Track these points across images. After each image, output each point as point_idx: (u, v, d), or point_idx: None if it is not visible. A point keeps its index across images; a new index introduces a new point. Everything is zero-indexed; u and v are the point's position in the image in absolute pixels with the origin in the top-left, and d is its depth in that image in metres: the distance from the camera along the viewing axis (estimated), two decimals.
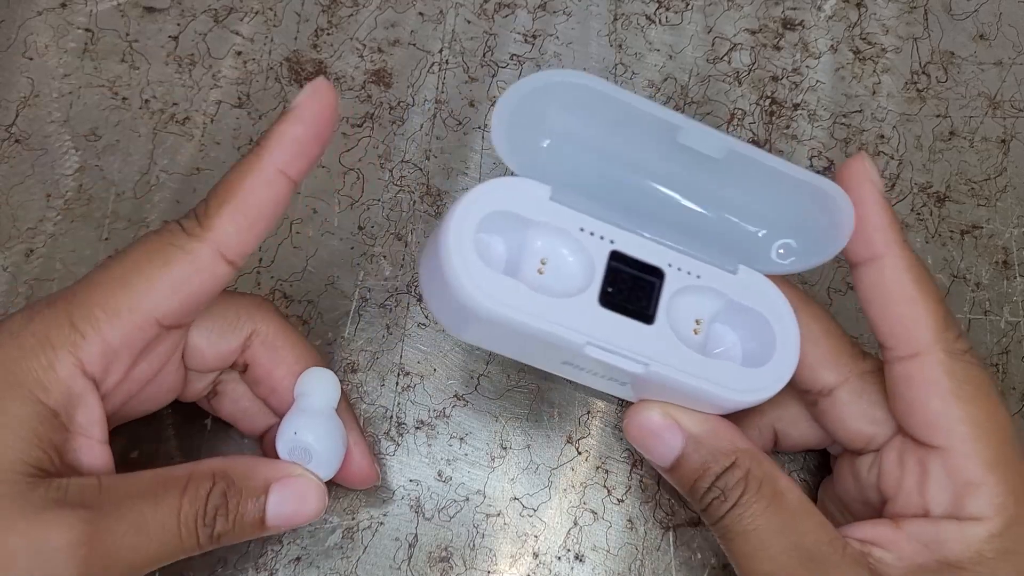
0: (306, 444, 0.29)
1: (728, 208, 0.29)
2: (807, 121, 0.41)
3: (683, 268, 0.28)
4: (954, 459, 0.27)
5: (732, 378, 0.28)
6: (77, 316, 0.26)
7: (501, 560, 0.34)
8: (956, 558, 0.27)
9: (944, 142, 0.41)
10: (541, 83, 0.27)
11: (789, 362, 0.28)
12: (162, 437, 0.34)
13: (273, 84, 0.41)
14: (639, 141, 0.28)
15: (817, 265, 0.29)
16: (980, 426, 0.27)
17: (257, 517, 0.28)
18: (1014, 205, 0.40)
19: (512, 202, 0.27)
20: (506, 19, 0.42)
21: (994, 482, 0.27)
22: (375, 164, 0.39)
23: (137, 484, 0.26)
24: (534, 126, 0.28)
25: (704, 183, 0.29)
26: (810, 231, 0.29)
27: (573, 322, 0.27)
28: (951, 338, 0.28)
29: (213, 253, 0.27)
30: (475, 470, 0.35)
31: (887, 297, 0.28)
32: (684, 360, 0.27)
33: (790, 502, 0.27)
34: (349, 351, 0.37)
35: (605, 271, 0.27)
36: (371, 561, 0.34)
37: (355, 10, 0.42)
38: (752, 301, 0.29)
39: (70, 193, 0.38)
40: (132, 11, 0.42)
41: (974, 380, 0.28)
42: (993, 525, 0.27)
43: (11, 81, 0.40)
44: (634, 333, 0.27)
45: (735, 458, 0.28)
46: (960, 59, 0.42)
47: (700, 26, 0.42)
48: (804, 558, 0.27)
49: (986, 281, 0.39)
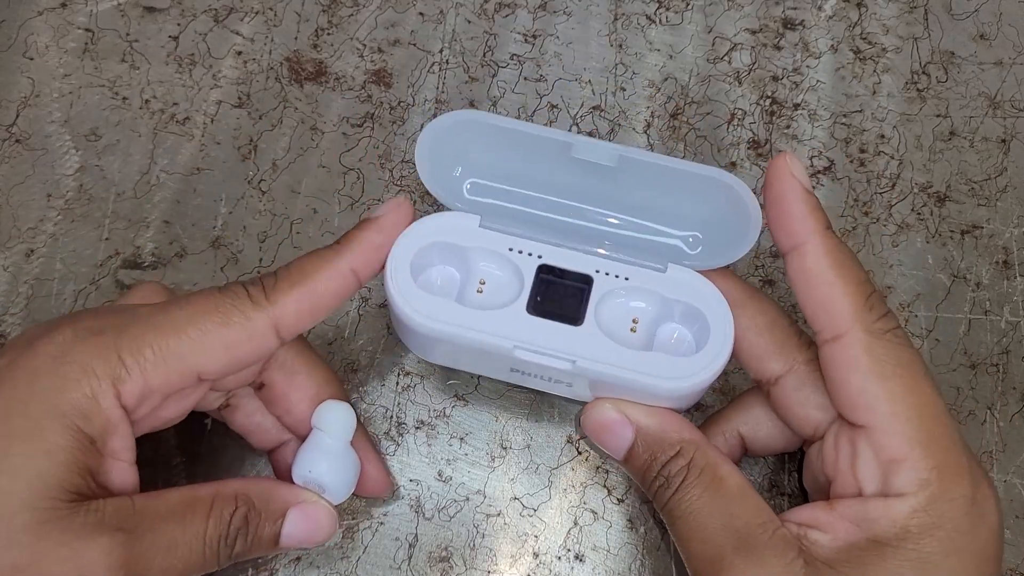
0: (320, 481, 0.30)
1: (640, 212, 0.32)
2: (807, 121, 0.41)
3: (611, 273, 0.31)
4: (877, 437, 0.28)
5: (665, 368, 0.30)
6: (126, 351, 0.27)
7: (501, 560, 0.34)
8: (883, 535, 0.27)
9: (944, 142, 0.41)
10: (449, 122, 0.30)
11: (723, 349, 0.30)
12: (161, 437, 0.34)
13: (273, 84, 0.41)
14: (544, 164, 0.31)
15: (741, 255, 0.31)
16: (902, 403, 0.28)
17: (272, 538, 0.29)
18: (1014, 205, 0.40)
19: (446, 233, 0.31)
20: (506, 19, 0.42)
21: (916, 458, 0.27)
22: (375, 164, 0.39)
23: (166, 505, 0.27)
24: (452, 162, 0.31)
25: (614, 192, 0.32)
26: (720, 223, 0.31)
27: (503, 330, 0.30)
28: (872, 318, 0.28)
29: (269, 326, 0.28)
30: (475, 470, 0.35)
31: (809, 282, 0.29)
32: (612, 355, 0.30)
33: (728, 487, 0.29)
34: (349, 351, 0.37)
35: (533, 283, 0.31)
36: (371, 561, 0.34)
37: (355, 10, 0.42)
38: (683, 296, 0.31)
39: (70, 193, 0.38)
40: (132, 11, 0.42)
41: (896, 358, 0.28)
42: (916, 501, 0.27)
43: (12, 81, 0.40)
44: (562, 335, 0.30)
45: (680, 447, 0.30)
46: (960, 59, 0.42)
47: (700, 26, 0.42)
48: (735, 538, 0.28)
49: (986, 281, 0.39)
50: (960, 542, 0.27)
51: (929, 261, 0.39)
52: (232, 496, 0.28)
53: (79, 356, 0.27)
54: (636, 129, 0.40)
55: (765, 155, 0.40)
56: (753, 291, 0.31)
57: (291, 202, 0.39)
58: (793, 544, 0.27)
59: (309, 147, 0.40)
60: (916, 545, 0.27)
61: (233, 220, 0.38)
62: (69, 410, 0.26)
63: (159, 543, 0.26)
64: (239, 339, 0.28)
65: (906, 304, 0.38)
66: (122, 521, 0.26)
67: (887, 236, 0.39)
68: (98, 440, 0.27)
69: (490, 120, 0.31)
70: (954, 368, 0.37)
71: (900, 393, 0.28)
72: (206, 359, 0.28)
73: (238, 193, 0.39)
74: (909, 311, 0.38)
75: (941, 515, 0.27)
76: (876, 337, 0.28)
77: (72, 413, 0.26)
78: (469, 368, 0.35)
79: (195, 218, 0.38)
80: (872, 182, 0.40)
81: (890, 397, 0.28)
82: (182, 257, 0.38)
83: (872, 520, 0.27)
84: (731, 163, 0.40)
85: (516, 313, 0.30)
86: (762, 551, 0.27)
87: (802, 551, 0.27)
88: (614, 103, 0.41)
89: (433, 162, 0.31)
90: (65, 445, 0.26)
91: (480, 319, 0.30)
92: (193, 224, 0.38)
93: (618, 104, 0.41)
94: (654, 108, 0.41)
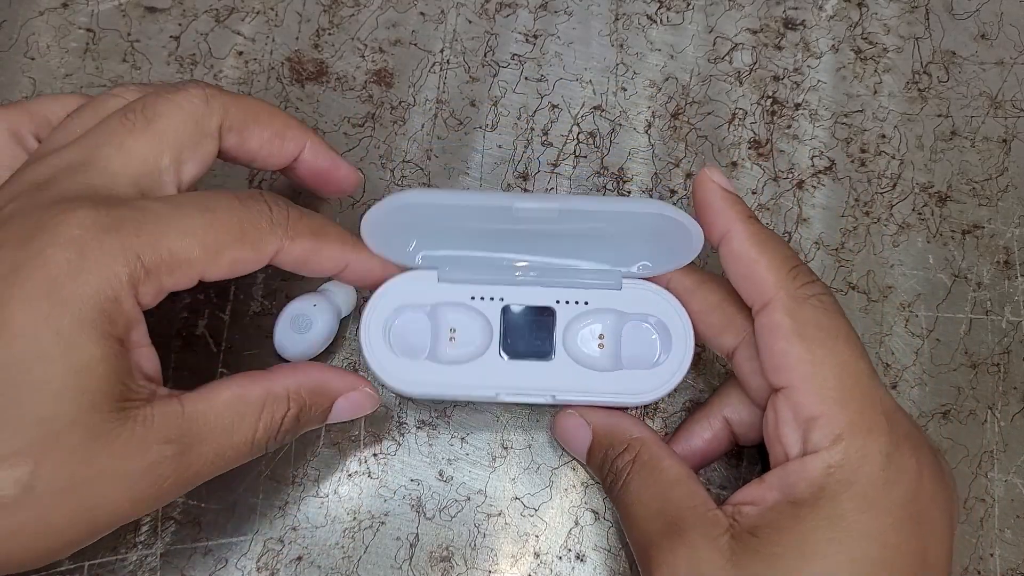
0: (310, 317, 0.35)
1: (589, 254, 0.34)
2: (808, 121, 0.41)
3: (571, 300, 0.33)
4: (796, 396, 0.28)
5: (636, 383, 0.32)
6: (146, 253, 0.26)
7: (502, 560, 0.34)
8: (800, 495, 0.27)
9: (945, 142, 0.41)
10: (389, 208, 0.31)
11: (686, 350, 0.32)
12: None
13: (275, 84, 0.41)
14: (490, 227, 0.32)
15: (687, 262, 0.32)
16: (820, 363, 0.28)
17: (318, 422, 0.31)
18: (1015, 205, 0.40)
19: (408, 294, 0.33)
20: (507, 19, 0.42)
21: (831, 414, 0.28)
22: (376, 164, 0.39)
23: (215, 411, 0.28)
24: (400, 235, 0.33)
25: (561, 240, 0.33)
26: (665, 250, 0.33)
27: (482, 380, 0.32)
28: (795, 285, 0.29)
29: (275, 253, 0.29)
30: (476, 470, 0.35)
31: (736, 263, 0.30)
32: (586, 382, 0.32)
33: (666, 476, 0.30)
34: (351, 351, 0.37)
35: (501, 324, 0.33)
36: (372, 561, 0.34)
37: (356, 10, 0.42)
38: (641, 307, 0.33)
39: None
40: (133, 11, 0.42)
41: (817, 321, 0.29)
42: (830, 456, 0.27)
43: (13, 81, 0.40)
44: (537, 372, 0.32)
45: (628, 444, 0.32)
46: (961, 59, 0.42)
47: (701, 26, 0.42)
48: (666, 523, 0.29)
49: (987, 281, 0.39)
50: (874, 498, 0.27)
51: (930, 261, 0.39)
52: (284, 396, 0.29)
53: (100, 260, 0.26)
54: (637, 129, 0.40)
55: (766, 155, 0.40)
56: (703, 275, 0.33)
57: (292, 201, 0.39)
58: (722, 523, 0.28)
59: None
60: (831, 503, 0.27)
61: None
62: (97, 318, 0.25)
63: (207, 453, 0.27)
64: (248, 258, 0.29)
65: (907, 304, 0.38)
66: (171, 431, 0.26)
67: (888, 236, 0.39)
68: (124, 339, 0.26)
69: (429, 198, 0.32)
70: (955, 368, 0.37)
71: (820, 354, 0.28)
72: (215, 269, 0.28)
73: None
74: (910, 311, 0.38)
75: (855, 471, 0.27)
76: (798, 302, 0.29)
77: (101, 320, 0.26)
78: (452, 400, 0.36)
79: None
80: (873, 182, 0.40)
81: (810, 357, 0.28)
82: None
83: (792, 484, 0.28)
84: (732, 163, 0.40)
85: (491, 359, 0.33)
86: (688, 532, 0.28)
87: (731, 527, 0.28)
88: (615, 103, 0.41)
89: (384, 241, 0.32)
90: (101, 355, 0.25)
91: (458, 374, 0.32)
92: None
93: (619, 104, 0.41)
94: (655, 108, 0.41)
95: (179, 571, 0.34)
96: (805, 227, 0.39)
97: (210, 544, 0.34)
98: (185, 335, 0.37)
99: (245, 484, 0.35)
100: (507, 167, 0.39)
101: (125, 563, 0.34)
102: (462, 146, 0.40)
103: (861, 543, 0.26)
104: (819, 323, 0.29)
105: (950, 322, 0.38)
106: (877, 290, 0.38)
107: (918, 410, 0.37)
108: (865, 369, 0.28)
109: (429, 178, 0.39)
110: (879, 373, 0.37)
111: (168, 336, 0.36)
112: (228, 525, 0.34)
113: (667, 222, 0.31)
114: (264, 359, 0.36)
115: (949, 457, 0.36)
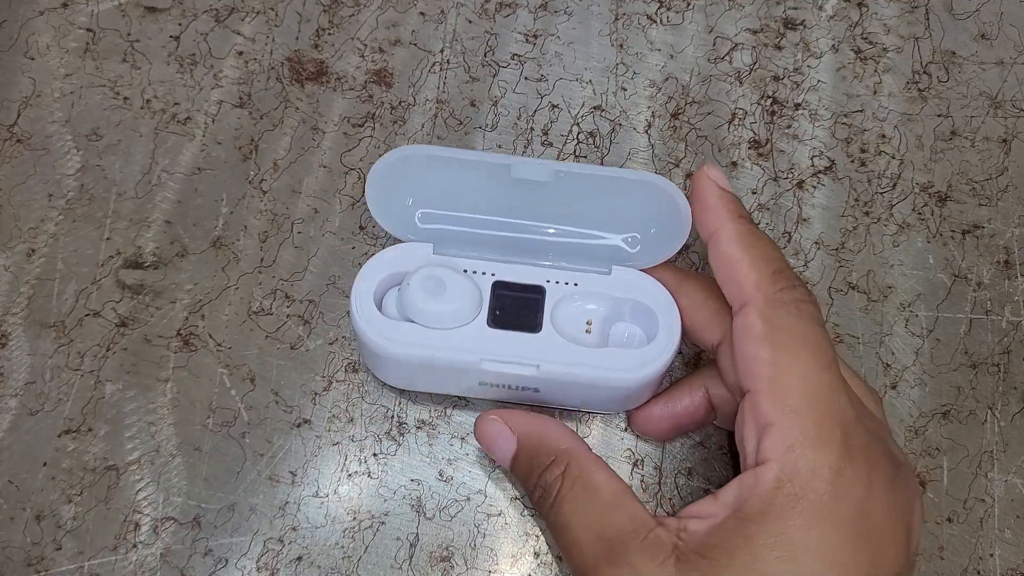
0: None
1: (581, 220, 0.34)
2: (808, 121, 0.41)
3: (561, 281, 0.33)
4: (756, 400, 0.28)
5: (621, 361, 0.32)
6: None
7: (502, 560, 0.34)
8: (750, 511, 0.26)
9: (945, 142, 0.41)
10: (395, 158, 0.33)
11: (672, 337, 0.32)
12: None
13: (275, 84, 0.41)
14: (486, 187, 0.33)
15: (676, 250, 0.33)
16: (785, 370, 0.27)
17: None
18: (1015, 205, 0.40)
19: (403, 263, 0.33)
20: (507, 19, 0.42)
21: (786, 423, 0.27)
22: None
23: None
24: (403, 194, 0.34)
25: (555, 205, 0.34)
26: (655, 222, 0.33)
27: (468, 345, 0.32)
28: (774, 288, 0.29)
29: None
30: (476, 470, 0.35)
31: (721, 262, 0.30)
32: (572, 355, 0.32)
33: (601, 497, 0.29)
34: (351, 351, 0.37)
35: (490, 299, 0.33)
36: (372, 560, 0.34)
37: (356, 10, 0.42)
38: (630, 294, 0.33)
39: (72, 193, 0.38)
40: (133, 11, 0.42)
41: (789, 327, 0.28)
42: (780, 468, 0.26)
43: (13, 81, 0.40)
44: (523, 343, 0.32)
45: (555, 456, 0.31)
46: (961, 59, 0.42)
47: (701, 26, 0.42)
48: (606, 548, 0.28)
49: (987, 281, 0.39)
50: (822, 514, 0.26)
51: (930, 261, 0.39)
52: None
53: None
54: (637, 129, 0.40)
55: (766, 155, 0.40)
56: (688, 273, 0.34)
57: (292, 202, 0.39)
58: (665, 545, 0.27)
59: (310, 147, 0.40)
60: (779, 520, 0.26)
61: (234, 220, 0.38)
62: None
63: None
64: None
65: (907, 304, 0.38)
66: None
67: (888, 236, 0.39)
68: None
69: (432, 152, 0.33)
70: (955, 368, 0.37)
71: (786, 361, 0.28)
72: None
73: (239, 193, 0.39)
74: (910, 311, 0.38)
75: (804, 486, 0.26)
76: (774, 306, 0.28)
77: None
78: (440, 389, 0.35)
79: (196, 218, 0.38)
80: (873, 182, 0.40)
81: (775, 363, 0.28)
82: (183, 257, 0.38)
83: (743, 499, 0.27)
84: (732, 163, 0.40)
85: (478, 328, 0.32)
86: (631, 556, 0.27)
87: (676, 548, 0.27)
88: (615, 103, 0.41)
89: (384, 197, 0.33)
90: None
91: (445, 337, 0.32)
92: (194, 224, 0.38)
93: (619, 104, 0.41)
94: (655, 108, 0.41)
95: (179, 571, 0.34)
96: (805, 227, 0.39)
97: (210, 544, 0.34)
98: (185, 335, 0.37)
99: (245, 484, 0.35)
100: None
101: (125, 563, 0.34)
102: (462, 146, 0.40)
103: (809, 561, 0.26)
104: (791, 329, 0.28)
105: (950, 322, 0.38)
106: (877, 290, 0.38)
107: (918, 410, 0.37)
108: (828, 380, 0.28)
109: None
110: (879, 373, 0.37)
111: (168, 336, 0.36)
112: (228, 525, 0.34)
113: (658, 193, 0.32)
114: (264, 359, 0.36)
115: (949, 457, 0.36)
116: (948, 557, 0.35)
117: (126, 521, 0.34)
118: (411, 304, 0.32)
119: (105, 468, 0.35)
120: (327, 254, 0.38)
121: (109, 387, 0.36)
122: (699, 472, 0.36)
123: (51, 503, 0.34)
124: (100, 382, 0.36)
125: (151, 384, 0.36)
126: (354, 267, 0.38)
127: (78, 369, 0.36)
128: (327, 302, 0.37)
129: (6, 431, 0.35)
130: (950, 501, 0.35)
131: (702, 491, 0.35)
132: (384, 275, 0.33)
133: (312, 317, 0.37)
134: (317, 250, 0.38)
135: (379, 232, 0.38)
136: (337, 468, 0.35)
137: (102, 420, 0.35)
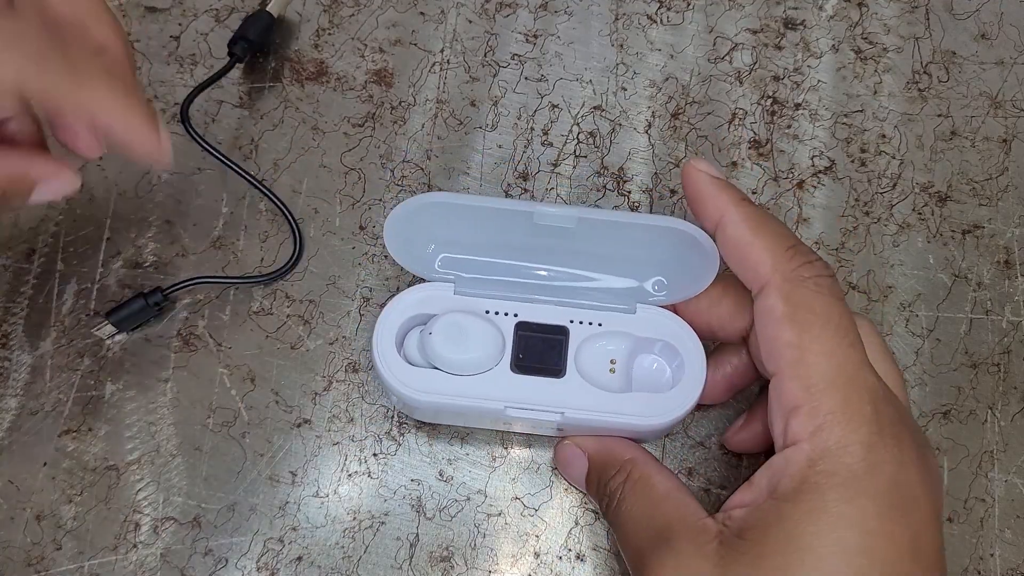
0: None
1: (605, 266, 0.34)
2: (808, 121, 0.41)
3: (584, 320, 0.33)
4: (781, 383, 0.28)
5: (645, 407, 0.32)
6: None
7: (502, 560, 0.34)
8: (784, 491, 0.27)
9: (945, 142, 0.41)
10: (416, 205, 0.32)
11: (697, 379, 0.32)
12: None
13: (275, 84, 0.41)
14: (509, 232, 0.33)
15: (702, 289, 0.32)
16: (808, 350, 0.27)
17: (20, 203, 0.30)
18: (1015, 205, 0.40)
19: (424, 305, 0.33)
20: (507, 19, 0.42)
21: (813, 404, 0.27)
22: (376, 164, 0.39)
23: None
24: (424, 240, 0.33)
25: (578, 251, 0.33)
26: (680, 265, 0.33)
27: (491, 392, 0.32)
28: (791, 266, 0.28)
29: None
30: (476, 470, 0.35)
31: (732, 248, 0.30)
32: (596, 401, 0.32)
33: (656, 492, 0.30)
34: (351, 351, 0.37)
35: (513, 341, 0.32)
36: (372, 560, 0.34)
37: (356, 10, 0.42)
38: (654, 333, 0.33)
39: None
40: (134, 11, 0.42)
41: (810, 305, 0.28)
42: (811, 448, 0.27)
43: None
44: (547, 389, 0.32)
45: (620, 467, 0.32)
46: (961, 59, 0.42)
47: (701, 26, 0.42)
48: (655, 537, 0.29)
49: (987, 281, 0.39)
50: (856, 487, 0.26)
51: (930, 261, 0.39)
52: None
53: None
54: (637, 129, 0.40)
55: (766, 155, 0.40)
56: None
57: (292, 202, 0.39)
58: (710, 530, 0.28)
59: (310, 147, 0.40)
60: (813, 496, 0.26)
61: (234, 220, 0.38)
62: None
63: None
64: None
65: (907, 304, 0.38)
66: None
67: (888, 236, 0.39)
68: None
69: (452, 199, 0.32)
70: (955, 368, 0.37)
71: (808, 340, 0.27)
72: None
73: (239, 193, 0.39)
74: (910, 311, 0.38)
75: (836, 462, 0.26)
76: (794, 284, 0.28)
77: None
78: (466, 424, 0.36)
79: (196, 218, 0.38)
80: (873, 182, 0.40)
81: (798, 343, 0.28)
82: (183, 257, 0.38)
83: (775, 480, 0.27)
84: (732, 163, 0.40)
85: (501, 373, 0.32)
86: (677, 541, 0.28)
87: (719, 534, 0.28)
88: (615, 103, 0.41)
89: (404, 243, 0.33)
90: None
91: (468, 385, 0.32)
92: (194, 224, 0.38)
93: (619, 104, 0.41)
94: (655, 108, 0.41)
95: (179, 571, 0.34)
96: (805, 227, 0.39)
97: (210, 544, 0.34)
98: (185, 335, 0.37)
99: (245, 484, 0.35)
100: (507, 167, 0.39)
101: (125, 563, 0.34)
102: (462, 146, 0.40)
103: (845, 533, 0.26)
104: (812, 307, 0.28)
105: (950, 322, 0.38)
106: (877, 290, 0.38)
107: (918, 410, 0.37)
108: (853, 356, 0.28)
109: (429, 178, 0.39)
110: None
111: (168, 336, 0.36)
112: (228, 525, 0.34)
113: (682, 237, 0.31)
114: (264, 359, 0.36)
115: (949, 457, 0.36)
116: (948, 557, 0.35)
117: (126, 521, 0.34)
118: (434, 353, 0.32)
119: (105, 468, 0.35)
120: (327, 254, 0.38)
121: (109, 387, 0.36)
122: (699, 472, 0.36)
123: (51, 503, 0.34)
124: (100, 382, 0.36)
125: (151, 384, 0.36)
126: (355, 267, 0.38)
127: (78, 369, 0.36)
128: (327, 302, 0.37)
129: (6, 431, 0.35)
130: (950, 501, 0.35)
131: (702, 491, 0.35)
132: (405, 318, 0.33)
133: (312, 317, 0.37)
134: (317, 250, 0.38)
135: (380, 232, 0.38)
136: (337, 468, 0.35)
137: (102, 420, 0.35)
